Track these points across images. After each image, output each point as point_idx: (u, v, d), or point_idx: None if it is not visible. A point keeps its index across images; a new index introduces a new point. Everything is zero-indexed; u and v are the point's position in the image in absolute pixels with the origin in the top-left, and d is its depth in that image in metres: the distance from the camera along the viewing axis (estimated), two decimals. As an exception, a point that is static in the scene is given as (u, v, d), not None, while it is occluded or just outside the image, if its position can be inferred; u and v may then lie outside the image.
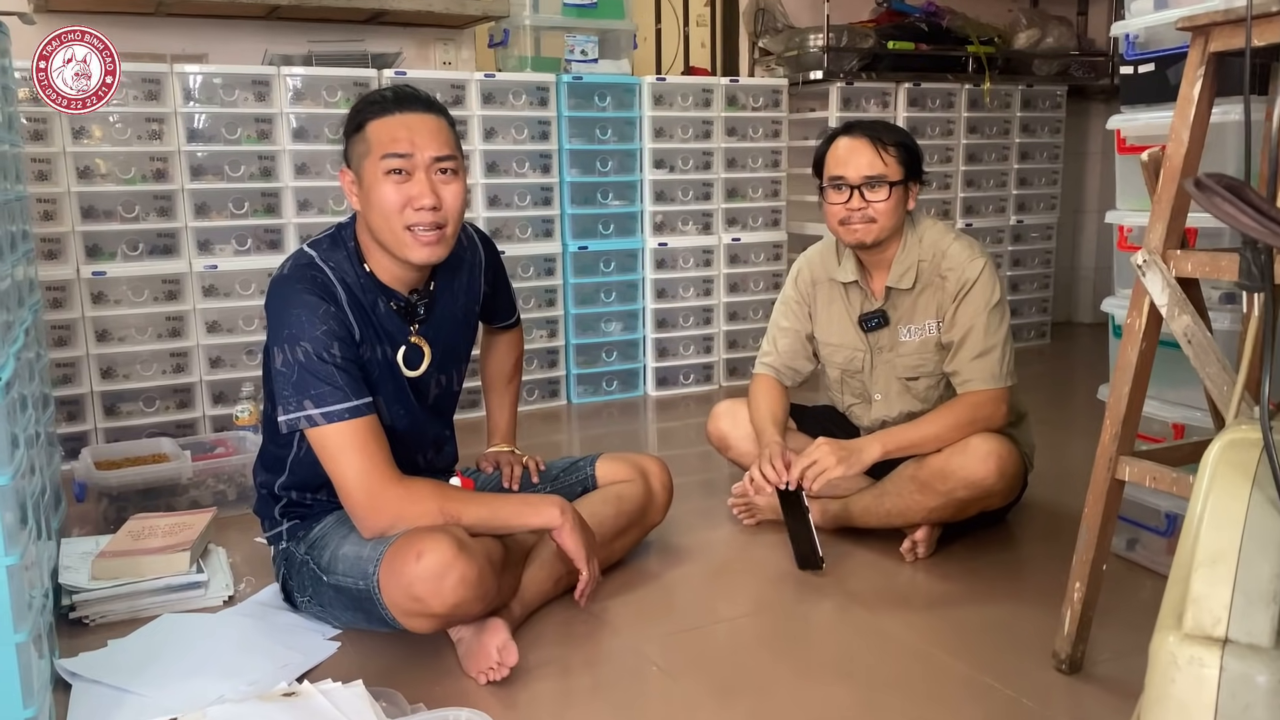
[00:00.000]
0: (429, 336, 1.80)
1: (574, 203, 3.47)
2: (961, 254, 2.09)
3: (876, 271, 2.17)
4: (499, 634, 1.61)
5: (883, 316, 2.16)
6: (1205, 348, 1.40)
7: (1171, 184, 1.44)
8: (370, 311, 1.71)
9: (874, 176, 2.04)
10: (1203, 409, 1.84)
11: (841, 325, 2.23)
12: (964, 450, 1.99)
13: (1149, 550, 2.03)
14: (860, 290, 2.20)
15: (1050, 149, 4.45)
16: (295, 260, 1.71)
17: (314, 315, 1.62)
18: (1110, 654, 1.68)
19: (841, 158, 2.07)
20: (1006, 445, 2.01)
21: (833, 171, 2.08)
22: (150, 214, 2.89)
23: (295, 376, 1.60)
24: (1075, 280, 5.07)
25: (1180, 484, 1.42)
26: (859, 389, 2.27)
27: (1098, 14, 4.92)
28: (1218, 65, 1.41)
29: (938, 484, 2.00)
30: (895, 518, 2.09)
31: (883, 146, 2.05)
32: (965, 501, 2.01)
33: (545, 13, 3.47)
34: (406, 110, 1.65)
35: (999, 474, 1.98)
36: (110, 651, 1.71)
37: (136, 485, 2.35)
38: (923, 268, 2.12)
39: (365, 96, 1.71)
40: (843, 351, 2.24)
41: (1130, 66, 2.00)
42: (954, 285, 2.08)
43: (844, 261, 2.21)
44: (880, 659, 1.70)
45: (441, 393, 1.87)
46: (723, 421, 2.34)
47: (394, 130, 1.63)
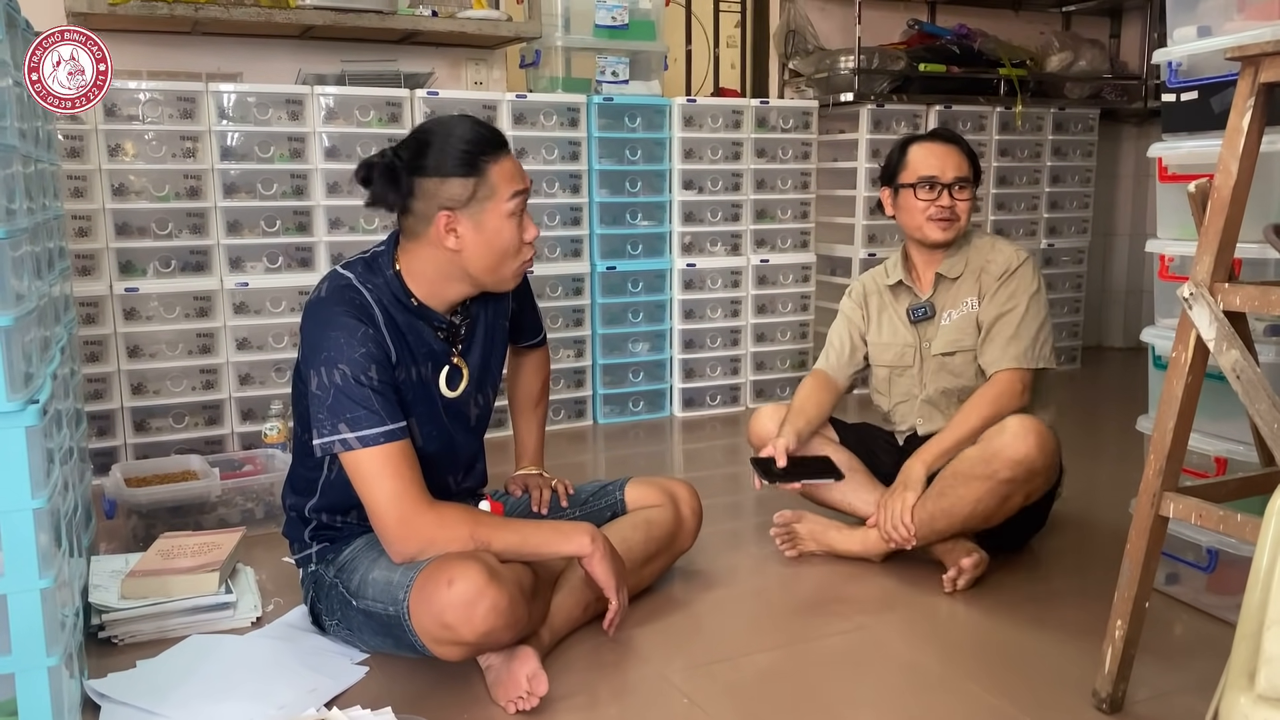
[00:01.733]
0: (468, 357, 1.81)
1: (603, 223, 3.47)
2: (1008, 248, 2.26)
3: (926, 268, 2.29)
4: (529, 662, 1.59)
5: (930, 307, 2.27)
6: (1255, 384, 1.37)
7: (1220, 216, 1.42)
8: (409, 333, 1.71)
9: (963, 178, 2.22)
10: (1246, 442, 1.81)
11: (892, 325, 2.34)
12: (1002, 431, 2.02)
13: (1190, 586, 1.99)
14: (906, 289, 2.31)
15: (1082, 172, 4.41)
16: (332, 282, 1.70)
17: (352, 338, 1.62)
18: (1151, 692, 1.64)
19: (934, 162, 2.22)
20: (1040, 423, 2.03)
21: (924, 172, 2.22)
22: (183, 231, 2.91)
23: (331, 400, 1.60)
24: (1106, 304, 5.01)
25: (1228, 522, 1.39)
26: (906, 386, 2.31)
27: (1130, 37, 4.89)
28: (1268, 96, 1.39)
29: (979, 469, 2.01)
30: (940, 521, 2.05)
31: (964, 153, 2.24)
32: (1009, 484, 2.00)
33: (577, 34, 3.48)
34: (507, 151, 1.72)
35: (1040, 449, 1.99)
36: (139, 672, 1.70)
37: (166, 503, 2.35)
38: (971, 260, 2.25)
39: (473, 140, 1.67)
40: (893, 349, 2.32)
41: (1172, 94, 1.97)
42: (997, 269, 2.21)
43: (891, 271, 2.35)
44: (916, 695, 1.67)
45: (480, 412, 1.88)
46: (769, 422, 2.31)
47: (513, 171, 1.70)
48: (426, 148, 1.66)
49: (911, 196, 2.23)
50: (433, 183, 1.65)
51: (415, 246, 1.71)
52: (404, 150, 1.68)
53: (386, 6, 3.15)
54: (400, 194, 1.66)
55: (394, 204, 1.68)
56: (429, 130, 1.70)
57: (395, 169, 1.66)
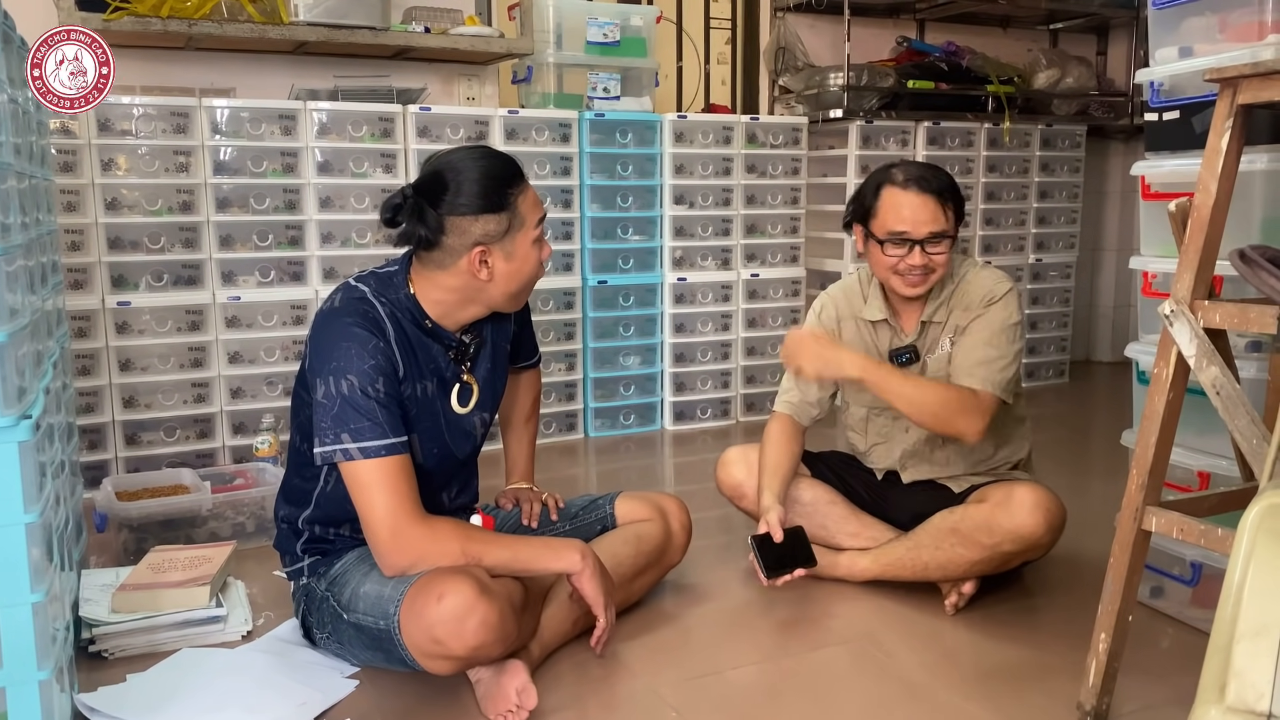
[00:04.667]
0: (478, 375, 1.84)
1: (594, 237, 3.49)
2: (989, 277, 2.13)
3: (908, 310, 2.16)
4: (518, 676, 1.60)
5: (914, 352, 2.14)
6: (1234, 400, 1.39)
7: (1200, 234, 1.44)
8: (419, 350, 1.73)
9: (937, 233, 2.03)
10: (1228, 457, 1.83)
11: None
12: (1009, 503, 1.97)
13: (1173, 599, 2.01)
14: (889, 327, 2.18)
15: (1069, 188, 4.45)
16: (346, 294, 1.72)
17: (363, 349, 1.63)
18: (1136, 705, 1.66)
19: (906, 215, 2.03)
20: (1051, 496, 1.99)
21: (893, 227, 2.03)
22: (175, 245, 2.92)
23: (336, 409, 1.61)
24: (1094, 319, 5.05)
25: (1209, 536, 1.41)
26: (884, 428, 2.24)
27: (1117, 55, 4.94)
28: (1246, 116, 1.41)
29: (983, 538, 1.97)
30: (934, 571, 2.05)
31: (943, 203, 2.04)
32: (1010, 555, 1.99)
33: (569, 50, 3.51)
34: (526, 179, 1.76)
35: (1047, 527, 1.96)
36: (129, 686, 1.71)
37: (157, 516, 2.36)
38: (955, 301, 2.12)
39: (500, 175, 1.70)
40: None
41: (1155, 114, 2.00)
42: (977, 301, 2.09)
43: (870, 300, 2.19)
44: (902, 708, 1.68)
45: (482, 430, 1.90)
46: (736, 469, 2.28)
47: (535, 199, 1.75)
48: (451, 185, 1.66)
49: (879, 250, 2.07)
50: (466, 220, 1.66)
51: (437, 274, 1.71)
52: (426, 188, 1.68)
53: (379, 23, 3.17)
54: (431, 231, 1.67)
55: (424, 241, 1.68)
56: (451, 166, 1.69)
57: (423, 208, 1.66)
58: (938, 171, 2.10)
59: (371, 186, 3.11)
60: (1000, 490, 2.02)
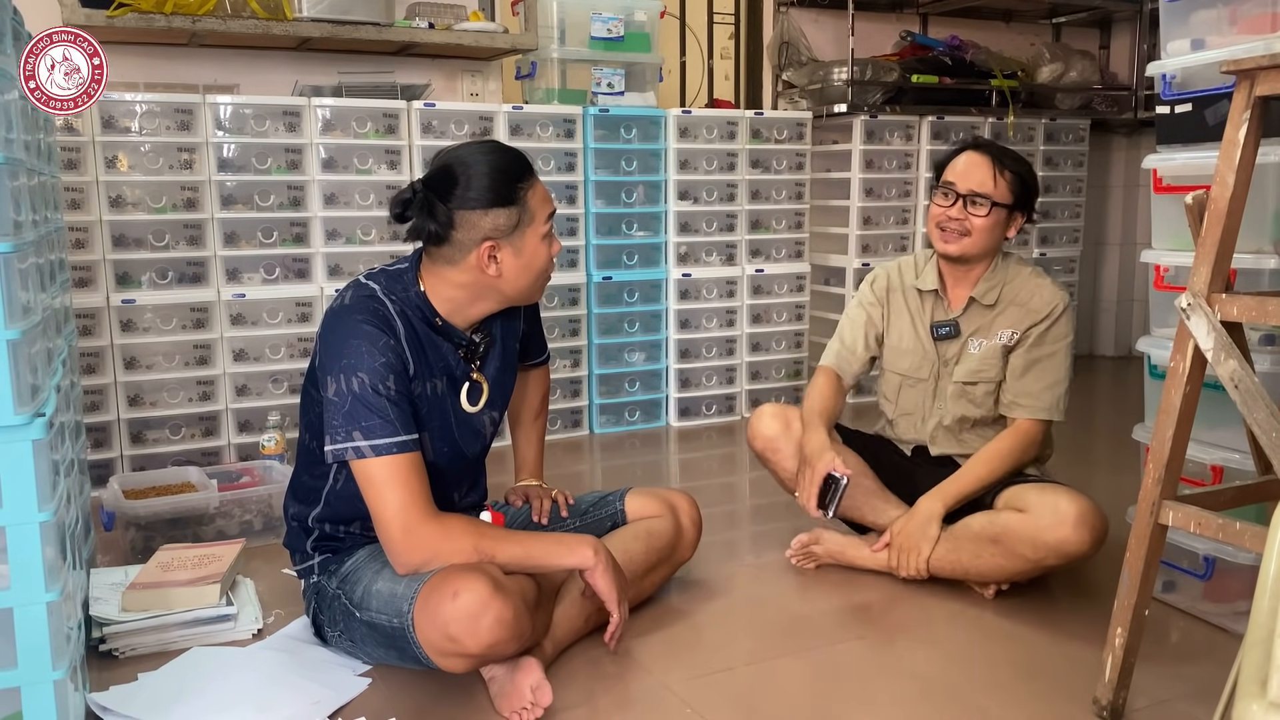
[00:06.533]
0: (487, 374, 1.84)
1: (599, 233, 3.48)
2: (1049, 287, 2.19)
3: (958, 285, 2.21)
4: (533, 673, 1.59)
5: (955, 327, 2.19)
6: (1253, 393, 1.38)
7: (1217, 227, 1.43)
8: (429, 348, 1.73)
9: (980, 193, 2.10)
10: (1242, 450, 1.82)
11: (912, 332, 2.25)
12: (1054, 517, 1.93)
13: (1187, 594, 2.01)
14: (937, 299, 2.23)
15: (1073, 182, 4.44)
16: (357, 292, 1.71)
17: (374, 347, 1.63)
18: (1150, 700, 1.66)
19: (959, 168, 2.13)
20: (1094, 509, 1.95)
21: (946, 177, 2.15)
22: (180, 242, 2.91)
23: (348, 407, 1.60)
24: (1098, 313, 5.04)
25: (1227, 530, 1.41)
26: (916, 400, 2.26)
27: (1120, 48, 4.94)
28: (1263, 108, 1.41)
29: (1027, 551, 1.96)
30: (971, 576, 2.07)
31: (1000, 169, 2.11)
32: (1052, 567, 1.99)
33: (572, 46, 3.50)
34: (536, 174, 1.76)
35: (1093, 542, 1.93)
36: (141, 685, 1.70)
37: (165, 515, 2.35)
38: (1006, 291, 2.17)
39: (510, 170, 1.70)
40: (909, 358, 2.25)
41: (1167, 106, 1.99)
42: (1041, 309, 2.15)
43: (924, 272, 2.25)
44: (917, 703, 1.68)
45: (491, 429, 1.90)
46: (773, 423, 2.27)
47: (544, 194, 1.75)
48: (461, 179, 1.66)
49: (934, 199, 2.17)
50: (475, 215, 1.66)
51: (447, 270, 1.71)
52: (436, 182, 1.68)
53: (383, 19, 3.16)
54: (440, 226, 1.67)
55: (433, 236, 1.68)
56: (461, 161, 1.69)
57: (433, 203, 1.66)
58: (1014, 154, 2.17)
59: (376, 183, 3.10)
60: (1039, 497, 1.98)
